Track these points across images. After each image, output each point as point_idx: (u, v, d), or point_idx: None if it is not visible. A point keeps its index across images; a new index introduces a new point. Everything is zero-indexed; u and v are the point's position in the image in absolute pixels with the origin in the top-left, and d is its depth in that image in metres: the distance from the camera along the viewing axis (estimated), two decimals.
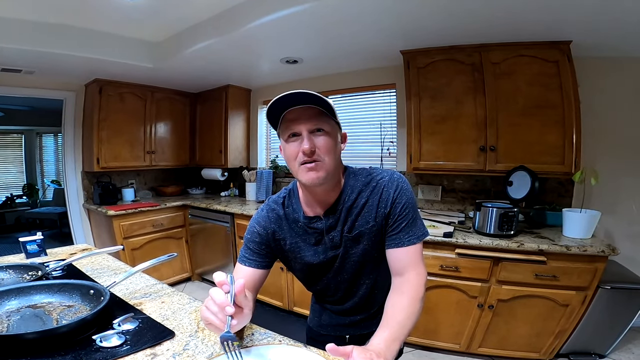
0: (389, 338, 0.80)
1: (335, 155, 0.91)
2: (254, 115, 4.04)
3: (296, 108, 0.86)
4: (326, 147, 0.88)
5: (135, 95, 3.56)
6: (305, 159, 0.87)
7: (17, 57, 2.63)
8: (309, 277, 1.09)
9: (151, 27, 2.64)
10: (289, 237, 1.01)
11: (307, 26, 2.18)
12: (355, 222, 0.96)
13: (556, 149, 2.18)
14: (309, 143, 0.85)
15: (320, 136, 0.87)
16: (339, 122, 0.93)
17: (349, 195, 0.97)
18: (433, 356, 2.33)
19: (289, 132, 0.89)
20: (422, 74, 2.49)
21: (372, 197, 0.95)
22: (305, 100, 0.84)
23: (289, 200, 1.04)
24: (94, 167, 3.33)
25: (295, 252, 1.02)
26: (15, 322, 0.86)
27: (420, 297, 0.90)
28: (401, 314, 0.86)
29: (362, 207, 0.96)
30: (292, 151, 0.89)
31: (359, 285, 1.06)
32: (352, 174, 1.01)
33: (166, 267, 3.47)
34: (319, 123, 0.87)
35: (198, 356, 0.79)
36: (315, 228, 0.99)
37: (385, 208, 0.94)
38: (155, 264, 1.20)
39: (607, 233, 2.43)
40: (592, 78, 2.35)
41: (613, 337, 2.13)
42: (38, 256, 1.53)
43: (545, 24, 1.97)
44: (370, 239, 0.96)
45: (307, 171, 0.88)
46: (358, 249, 0.98)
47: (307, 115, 0.86)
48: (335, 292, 1.08)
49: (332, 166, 0.90)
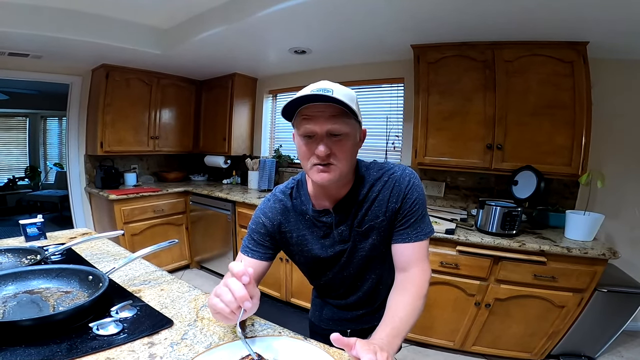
0: (391, 333, 0.79)
1: (352, 157, 0.87)
2: (259, 104, 4.01)
3: (314, 105, 0.80)
4: (343, 152, 0.83)
5: (141, 81, 3.54)
6: (318, 161, 0.83)
7: (26, 42, 2.61)
8: (314, 271, 1.08)
9: (160, 13, 2.61)
10: (295, 230, 0.99)
11: (316, 17, 2.14)
12: (365, 216, 0.94)
13: (564, 150, 2.16)
14: (324, 147, 0.80)
15: (338, 139, 0.82)
16: (360, 120, 0.87)
17: (360, 190, 0.94)
18: (427, 352, 2.34)
19: (304, 130, 0.83)
20: (432, 69, 2.46)
21: (383, 191, 0.93)
22: (326, 97, 0.77)
23: (297, 192, 1.01)
24: (97, 150, 3.33)
25: (302, 246, 1.00)
26: (11, 308, 0.86)
27: (423, 294, 0.89)
28: (404, 311, 0.85)
29: (372, 201, 0.93)
30: (306, 151, 0.84)
31: (364, 280, 1.05)
32: (365, 167, 0.98)
33: (165, 253, 3.48)
34: (338, 124, 0.80)
35: (196, 346, 0.78)
36: (324, 222, 0.97)
37: (395, 203, 0.92)
38: (156, 250, 1.20)
39: (608, 236, 2.43)
40: (605, 80, 2.30)
41: (605, 339, 2.15)
42: (38, 239, 1.52)
43: (564, 23, 1.93)
44: (379, 234, 0.95)
45: (319, 172, 0.84)
46: (366, 244, 0.97)
47: (326, 115, 0.79)
48: (340, 286, 1.08)
49: (347, 168, 0.87)
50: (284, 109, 0.83)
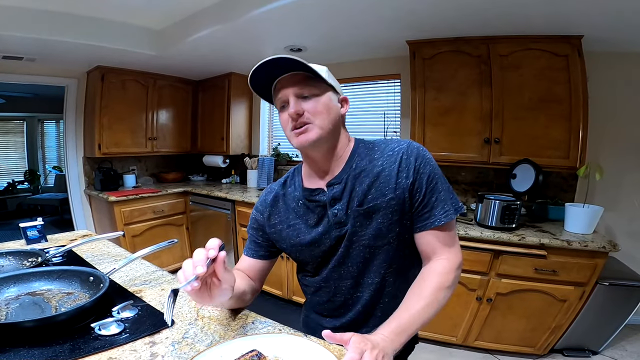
0: (395, 330, 0.74)
1: (328, 116, 0.85)
2: (256, 102, 4.01)
3: (283, 76, 0.84)
4: (315, 109, 0.83)
5: (137, 82, 3.54)
6: (293, 124, 0.83)
7: (19, 45, 2.60)
8: (307, 266, 0.99)
9: (154, 14, 2.60)
10: (285, 221, 0.95)
11: (311, 14, 2.14)
12: (367, 193, 0.86)
13: (561, 143, 2.16)
14: (294, 107, 0.82)
15: (309, 100, 0.83)
16: (333, 84, 0.87)
17: (356, 162, 0.89)
18: (430, 348, 2.34)
19: (279, 102, 0.86)
20: (428, 65, 2.46)
21: (388, 165, 0.86)
22: (292, 68, 0.81)
23: (292, 179, 0.99)
24: (95, 152, 3.33)
25: (292, 238, 0.94)
26: (14, 309, 0.86)
27: (446, 285, 0.83)
28: (418, 304, 0.80)
29: (376, 176, 0.86)
30: (284, 120, 0.86)
31: (365, 287, 0.92)
32: (362, 142, 0.94)
33: (166, 254, 3.48)
34: (306, 87, 0.83)
35: (197, 344, 0.79)
36: (316, 201, 0.90)
37: (407, 178, 0.84)
38: (155, 250, 1.19)
39: (607, 229, 2.43)
40: (601, 73, 2.30)
41: (607, 333, 2.14)
42: (38, 242, 1.52)
43: (558, 17, 1.93)
44: (386, 216, 0.85)
45: (297, 136, 0.84)
46: (369, 229, 0.86)
47: (293, 81, 0.83)
48: (335, 293, 0.96)
49: (325, 128, 0.84)
50: (253, 82, 0.86)
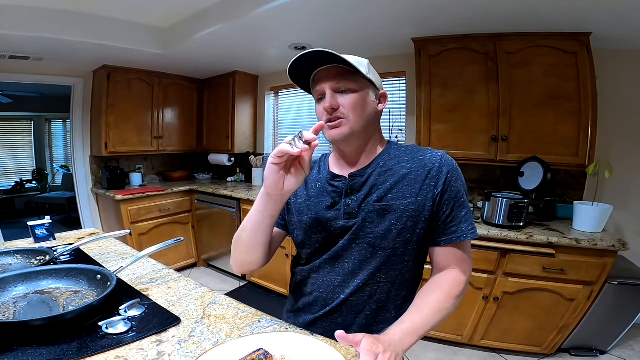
0: (406, 331, 0.76)
1: (363, 112, 0.86)
2: (261, 101, 4.01)
3: (322, 68, 0.85)
4: (350, 105, 0.84)
5: (143, 81, 3.56)
6: (328, 117, 0.85)
7: (26, 45, 2.62)
8: (303, 250, 0.99)
9: (159, 12, 2.60)
10: (302, 195, 0.98)
11: (315, 11, 2.13)
12: (388, 192, 0.86)
13: (570, 141, 2.13)
14: (330, 101, 0.83)
15: (345, 95, 0.84)
16: (373, 79, 0.86)
17: (385, 161, 0.91)
18: (435, 347, 2.33)
19: (317, 94, 0.88)
20: (434, 63, 2.44)
21: (416, 169, 0.87)
22: (331, 60, 0.82)
23: (319, 163, 1.03)
24: (102, 151, 3.35)
25: (302, 214, 0.96)
26: (22, 308, 0.86)
27: (455, 295, 0.85)
28: (428, 308, 0.82)
29: (402, 178, 0.87)
30: (319, 112, 0.88)
31: (350, 288, 0.90)
32: (395, 144, 0.96)
33: (172, 252, 3.50)
34: (343, 81, 0.83)
35: (204, 343, 0.79)
36: (335, 186, 0.93)
37: (435, 188, 0.85)
38: (162, 248, 1.20)
39: (617, 228, 2.39)
40: (612, 70, 2.26)
41: (615, 333, 2.12)
42: (46, 240, 1.53)
43: (566, 14, 1.90)
44: (400, 219, 0.85)
45: (330, 129, 0.86)
46: (380, 227, 0.86)
47: (331, 74, 0.84)
48: (320, 287, 0.95)
49: (359, 124, 0.85)
50: (292, 72, 0.87)
